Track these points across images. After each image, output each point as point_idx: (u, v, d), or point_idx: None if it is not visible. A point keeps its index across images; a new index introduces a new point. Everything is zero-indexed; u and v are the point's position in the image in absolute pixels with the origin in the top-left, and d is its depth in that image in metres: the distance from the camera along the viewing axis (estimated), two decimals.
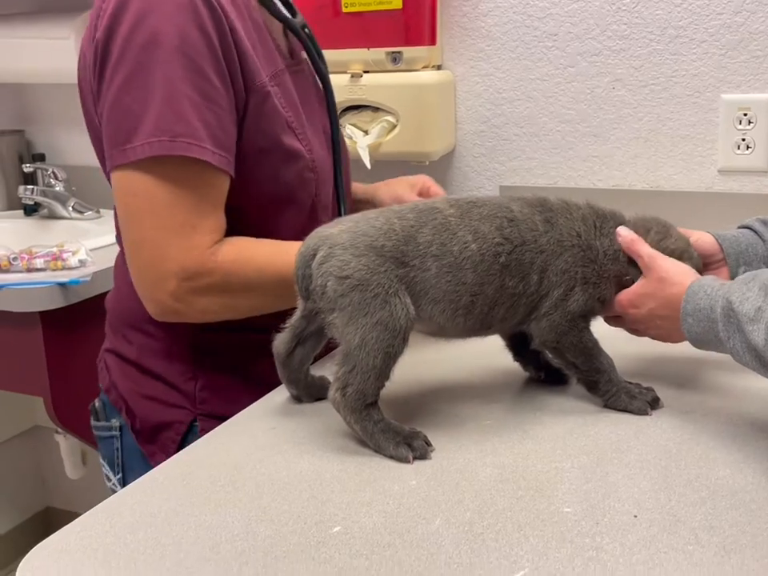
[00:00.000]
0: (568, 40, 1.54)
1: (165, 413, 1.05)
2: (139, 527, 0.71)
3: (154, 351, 1.06)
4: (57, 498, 2.41)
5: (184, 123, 0.88)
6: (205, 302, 0.94)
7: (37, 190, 1.96)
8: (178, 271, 0.91)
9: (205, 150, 0.89)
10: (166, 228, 0.91)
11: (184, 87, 0.88)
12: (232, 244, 0.94)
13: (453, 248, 0.84)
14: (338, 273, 0.80)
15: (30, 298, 1.46)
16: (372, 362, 0.80)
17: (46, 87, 2.10)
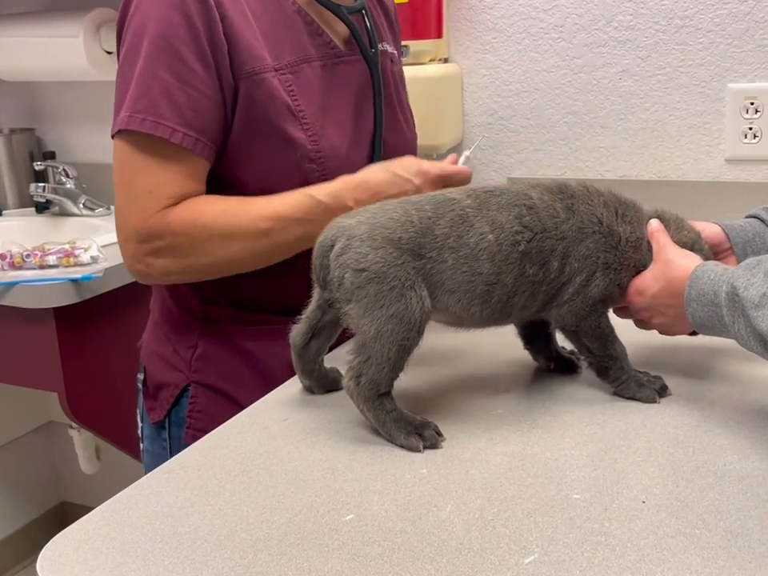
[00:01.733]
0: (574, 31, 1.55)
1: (167, 373, 1.12)
2: (156, 517, 0.73)
3: (168, 315, 1.13)
4: (72, 492, 2.43)
5: (146, 100, 0.96)
6: (162, 264, 0.99)
7: (48, 187, 1.98)
8: (134, 234, 0.98)
9: (161, 125, 0.95)
10: (128, 193, 0.99)
11: (159, 69, 0.96)
12: (184, 205, 0.98)
13: (469, 240, 0.84)
14: (356, 265, 0.81)
15: (43, 295, 1.48)
16: (387, 353, 0.81)
17: (56, 85, 2.12)
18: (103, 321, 1.60)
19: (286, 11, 1.04)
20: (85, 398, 1.60)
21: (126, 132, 0.97)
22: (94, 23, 1.88)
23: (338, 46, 1.08)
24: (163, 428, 1.14)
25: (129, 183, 0.98)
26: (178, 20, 0.96)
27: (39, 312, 1.50)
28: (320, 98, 1.04)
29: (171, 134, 0.96)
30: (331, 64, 1.07)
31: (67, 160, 2.08)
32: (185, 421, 1.11)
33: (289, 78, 1.01)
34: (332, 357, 0.97)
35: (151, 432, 1.16)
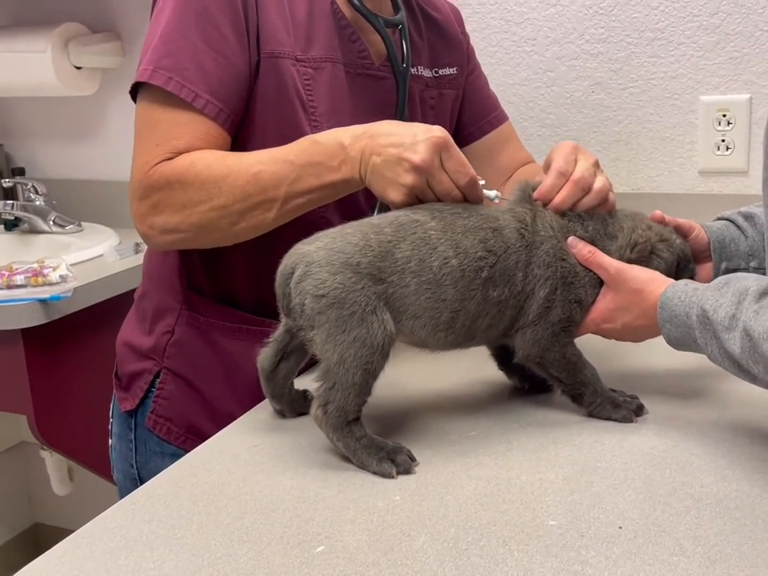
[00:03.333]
0: (546, 44, 1.54)
1: (140, 362, 1.11)
2: (120, 552, 0.70)
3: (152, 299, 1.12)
4: (45, 514, 2.39)
5: (173, 59, 0.94)
6: (161, 221, 0.95)
7: (17, 204, 1.94)
8: (137, 189, 0.95)
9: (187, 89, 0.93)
10: (138, 149, 0.96)
11: (191, 32, 0.94)
12: (182, 157, 0.95)
13: (432, 263, 0.82)
14: (315, 291, 0.80)
15: (11, 315, 1.45)
16: (351, 378, 0.79)
17: (24, 100, 2.09)
18: (73, 341, 1.57)
19: (323, 8, 1.03)
20: (55, 420, 1.56)
21: (148, 86, 0.95)
22: (63, 38, 1.85)
23: (370, 57, 1.06)
24: (130, 426, 1.12)
25: (140, 138, 0.97)
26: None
27: (6, 333, 1.47)
28: (336, 101, 1.03)
29: (194, 98, 0.94)
30: (356, 73, 1.05)
31: (36, 176, 2.05)
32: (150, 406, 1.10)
33: (308, 72, 1.00)
34: (304, 380, 0.95)
35: (120, 429, 1.15)
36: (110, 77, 1.96)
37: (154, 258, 1.13)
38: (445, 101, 1.17)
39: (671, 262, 0.91)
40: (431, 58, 1.15)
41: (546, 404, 0.94)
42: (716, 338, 0.76)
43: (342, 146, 0.90)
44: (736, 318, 0.74)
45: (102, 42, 1.91)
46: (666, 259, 0.91)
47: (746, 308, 0.74)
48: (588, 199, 0.91)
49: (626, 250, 0.90)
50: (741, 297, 0.75)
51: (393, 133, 0.88)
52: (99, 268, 1.67)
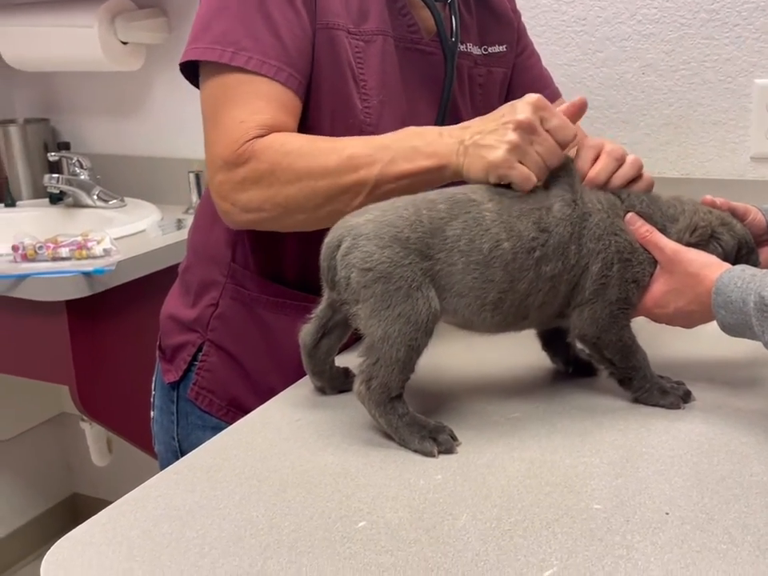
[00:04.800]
0: (597, 24, 1.51)
1: (184, 334, 1.12)
2: (164, 520, 0.71)
3: (195, 272, 1.12)
4: (83, 484, 2.43)
5: (252, 39, 0.92)
6: (246, 198, 0.93)
7: (62, 178, 1.96)
8: (222, 165, 0.93)
9: (268, 65, 0.92)
10: (216, 124, 0.94)
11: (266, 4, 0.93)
12: (272, 135, 0.93)
13: (483, 245, 0.81)
14: (361, 264, 0.79)
15: (56, 287, 1.47)
16: (395, 354, 0.79)
17: (71, 76, 2.10)
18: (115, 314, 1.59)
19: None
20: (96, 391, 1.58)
21: (217, 65, 0.94)
22: (110, 13, 1.86)
23: (420, 32, 1.05)
24: (172, 399, 1.13)
25: (219, 114, 0.95)
26: None
27: (51, 305, 1.49)
28: (385, 74, 1.02)
29: (276, 72, 0.93)
30: (405, 47, 1.04)
31: (81, 151, 2.07)
32: (192, 378, 1.11)
33: (360, 45, 1.00)
34: (345, 357, 0.94)
35: (161, 401, 1.16)
36: (156, 53, 1.97)
37: (200, 232, 1.13)
38: (494, 79, 1.15)
39: (732, 247, 0.88)
40: (480, 34, 1.14)
41: (590, 388, 0.93)
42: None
43: (438, 134, 0.90)
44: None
45: (148, 18, 1.92)
46: (727, 243, 0.88)
47: None
48: (624, 171, 0.89)
49: (685, 233, 0.88)
50: None
51: (487, 118, 0.89)
52: (141, 243, 1.68)
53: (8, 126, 2.09)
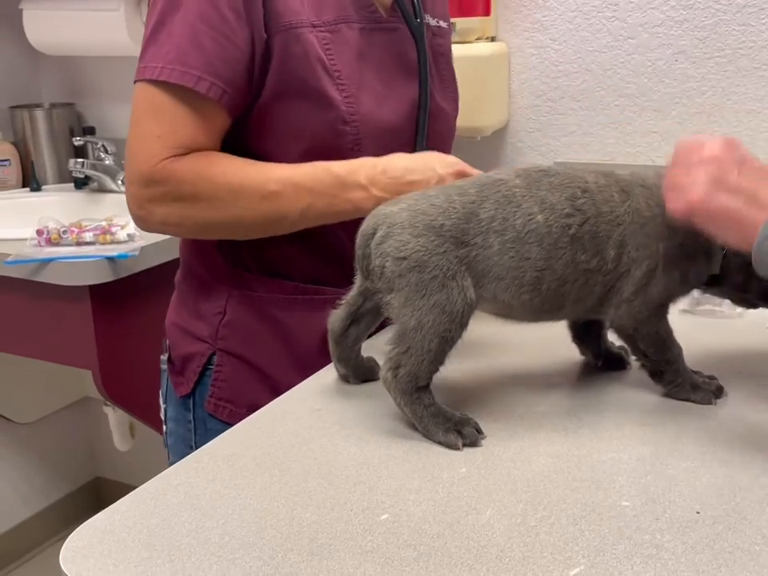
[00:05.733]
0: (629, 10, 1.48)
1: (192, 344, 1.09)
2: (183, 509, 0.70)
3: (194, 282, 1.10)
4: (106, 468, 2.45)
5: (174, 49, 0.92)
6: (162, 212, 0.96)
7: (87, 163, 1.97)
8: (138, 178, 0.95)
9: (189, 75, 0.92)
10: (139, 137, 0.95)
11: (189, 14, 0.92)
12: (194, 156, 0.95)
13: (516, 221, 0.79)
14: (396, 253, 0.78)
15: (80, 272, 1.47)
16: (427, 345, 0.77)
17: (96, 60, 2.10)
18: (138, 299, 1.59)
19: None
20: (119, 376, 1.58)
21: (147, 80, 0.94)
22: None
23: (379, 11, 1.04)
24: (188, 408, 1.11)
25: (140, 126, 0.95)
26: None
27: (75, 289, 1.49)
28: (357, 60, 1.00)
29: (196, 82, 0.92)
30: (369, 29, 1.02)
31: (106, 136, 2.07)
32: (208, 389, 1.09)
33: (326, 37, 0.97)
34: (369, 345, 0.93)
35: (176, 412, 1.14)
36: None
37: (191, 243, 1.10)
38: (449, 50, 1.16)
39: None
40: (431, 7, 1.12)
41: (620, 382, 0.91)
42: None
43: (359, 185, 0.94)
44: None
45: None
46: None
47: None
48: None
49: None
50: None
51: (412, 169, 0.95)
52: None
53: (34, 110, 2.09)
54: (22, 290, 1.54)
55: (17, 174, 2.08)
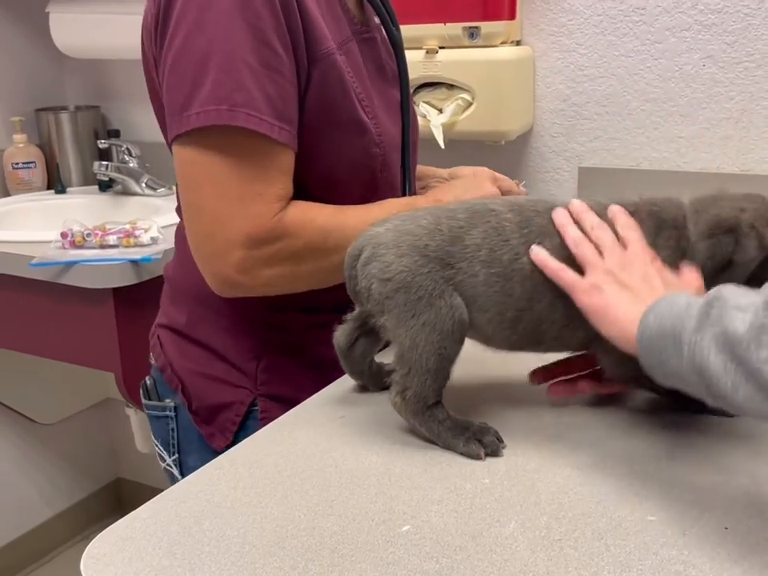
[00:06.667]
0: (656, 14, 1.46)
1: (225, 393, 1.02)
2: (205, 517, 0.70)
3: (218, 328, 1.02)
4: (127, 469, 2.46)
5: (243, 92, 0.83)
6: (269, 273, 0.89)
7: (111, 166, 1.98)
8: (244, 241, 0.86)
9: (263, 122, 0.84)
10: (227, 197, 0.86)
11: (243, 53, 0.83)
12: (296, 207, 0.90)
13: (503, 256, 0.77)
14: (381, 275, 0.77)
15: (103, 275, 1.47)
16: (425, 363, 0.76)
17: (121, 63, 2.11)
18: None
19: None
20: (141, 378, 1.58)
21: (206, 129, 0.83)
22: None
23: (357, 22, 1.01)
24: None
25: (224, 187, 0.86)
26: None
27: (98, 292, 1.50)
28: (364, 77, 0.98)
29: (270, 128, 0.85)
30: (361, 41, 1.00)
31: (131, 138, 2.08)
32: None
33: (344, 59, 0.94)
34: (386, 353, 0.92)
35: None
36: None
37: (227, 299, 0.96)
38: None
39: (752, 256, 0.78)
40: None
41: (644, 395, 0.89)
42: (717, 323, 0.60)
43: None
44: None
45: None
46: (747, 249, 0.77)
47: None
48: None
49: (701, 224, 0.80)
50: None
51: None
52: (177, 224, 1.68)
53: (59, 113, 2.11)
54: (46, 292, 1.55)
55: (42, 176, 2.10)
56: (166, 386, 1.07)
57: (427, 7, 1.51)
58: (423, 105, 1.54)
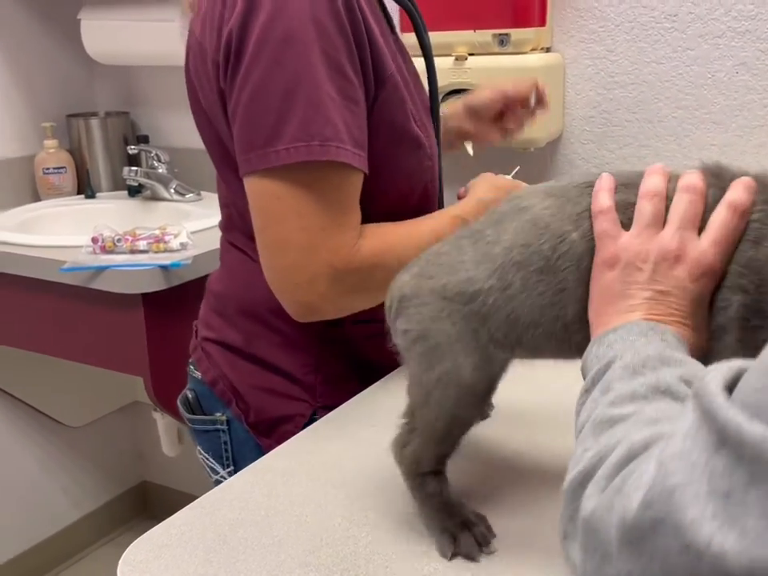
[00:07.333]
0: (689, 21, 1.45)
1: (284, 406, 1.01)
2: (239, 525, 0.70)
3: (275, 343, 1.01)
4: (153, 472, 2.47)
5: (331, 126, 0.83)
6: (351, 299, 0.90)
7: (140, 171, 1.99)
8: (330, 272, 0.86)
9: (348, 152, 0.84)
10: (312, 229, 0.86)
11: (326, 86, 0.83)
12: (371, 236, 0.90)
13: (542, 246, 0.63)
14: (402, 326, 0.69)
15: (133, 280, 1.48)
16: (433, 426, 0.67)
17: (151, 69, 2.13)
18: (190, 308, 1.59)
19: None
20: (169, 383, 1.59)
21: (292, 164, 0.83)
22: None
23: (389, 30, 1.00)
24: None
25: (309, 218, 0.85)
26: (333, 28, 0.83)
27: (128, 297, 1.50)
28: (413, 90, 0.97)
29: (353, 158, 0.85)
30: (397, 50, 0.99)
31: (160, 144, 2.10)
32: None
33: (398, 75, 0.93)
34: None
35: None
36: None
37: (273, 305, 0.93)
38: None
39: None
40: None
41: None
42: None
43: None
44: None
45: None
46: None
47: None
48: None
49: None
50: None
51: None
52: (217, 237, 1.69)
53: (90, 118, 2.12)
54: (77, 297, 1.56)
55: (72, 181, 2.12)
56: (217, 399, 1.05)
57: (457, 14, 1.51)
58: None
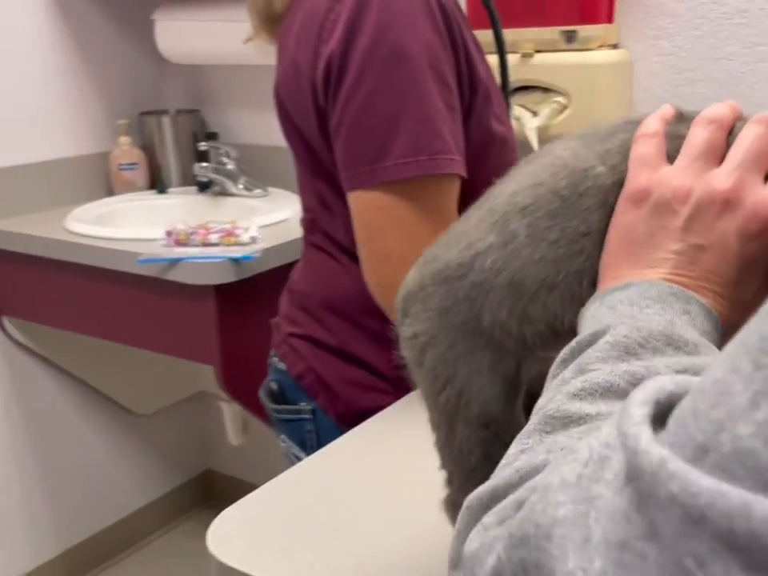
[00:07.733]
0: (760, 17, 1.44)
1: (370, 398, 1.04)
2: (318, 501, 0.73)
3: (362, 339, 1.04)
4: (217, 461, 2.53)
5: (440, 139, 0.85)
6: None
7: (210, 167, 2.05)
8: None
9: (454, 162, 0.86)
10: (415, 240, 0.84)
11: (434, 100, 0.84)
12: None
13: (558, 183, 0.50)
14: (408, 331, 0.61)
15: (205, 272, 1.53)
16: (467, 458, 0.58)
17: (221, 68, 2.19)
18: (259, 299, 1.64)
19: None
20: (238, 372, 1.64)
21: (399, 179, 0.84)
22: None
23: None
24: None
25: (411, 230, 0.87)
26: (437, 41, 0.84)
27: (201, 288, 1.56)
28: (495, 89, 1.00)
29: (459, 166, 0.87)
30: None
31: (228, 141, 2.15)
32: None
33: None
34: None
35: None
36: None
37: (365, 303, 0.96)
38: None
39: None
40: None
41: None
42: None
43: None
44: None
45: None
46: None
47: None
48: None
49: None
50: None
51: None
52: (284, 231, 1.73)
53: (161, 116, 2.19)
54: (151, 288, 1.62)
55: (145, 176, 2.19)
56: (303, 391, 1.09)
57: (524, 11, 1.52)
58: (517, 108, 1.55)
